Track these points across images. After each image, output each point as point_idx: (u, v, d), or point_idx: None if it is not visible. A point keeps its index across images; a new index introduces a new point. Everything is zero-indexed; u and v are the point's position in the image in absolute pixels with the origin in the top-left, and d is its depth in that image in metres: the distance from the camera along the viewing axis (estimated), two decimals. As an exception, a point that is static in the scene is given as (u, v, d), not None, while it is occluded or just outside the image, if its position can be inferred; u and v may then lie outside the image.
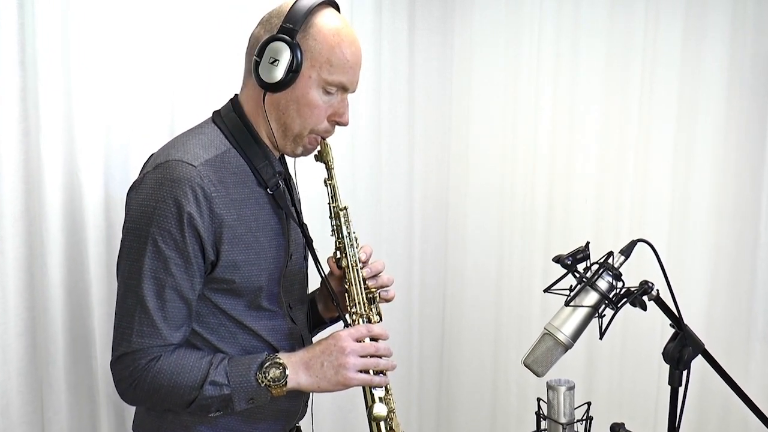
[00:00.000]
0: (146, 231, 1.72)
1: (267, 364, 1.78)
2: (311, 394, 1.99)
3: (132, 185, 1.80)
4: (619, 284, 1.97)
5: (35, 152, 2.18)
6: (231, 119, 1.88)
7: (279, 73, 1.77)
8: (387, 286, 2.03)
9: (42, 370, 2.27)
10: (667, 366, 2.00)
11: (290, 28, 1.77)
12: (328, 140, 1.93)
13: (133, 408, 2.00)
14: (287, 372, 1.78)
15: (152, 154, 1.86)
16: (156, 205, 1.71)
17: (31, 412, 2.26)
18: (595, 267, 1.98)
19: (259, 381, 1.76)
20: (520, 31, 3.42)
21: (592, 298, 1.95)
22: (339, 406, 3.15)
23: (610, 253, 1.99)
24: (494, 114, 3.53)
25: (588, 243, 2.00)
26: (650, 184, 3.22)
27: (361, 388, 1.87)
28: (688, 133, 3.13)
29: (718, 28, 3.04)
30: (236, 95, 1.92)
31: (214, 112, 1.92)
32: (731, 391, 2.06)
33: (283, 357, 1.80)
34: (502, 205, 3.55)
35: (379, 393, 1.87)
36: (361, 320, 1.93)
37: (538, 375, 1.97)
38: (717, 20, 3.03)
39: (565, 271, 1.98)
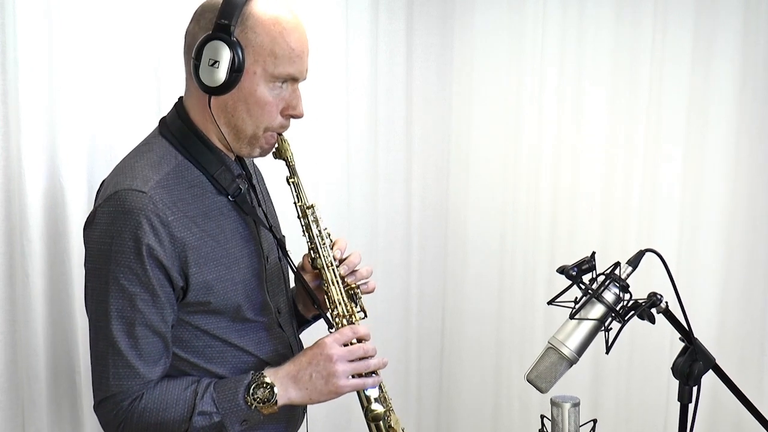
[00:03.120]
0: (106, 270, 1.70)
1: (254, 385, 1.77)
2: None
3: (86, 221, 1.78)
4: (627, 296, 1.97)
5: (16, 157, 2.17)
6: (178, 128, 1.83)
7: (221, 74, 1.71)
8: (366, 278, 2.02)
9: (23, 385, 2.26)
10: (677, 381, 2.00)
11: (226, 24, 1.71)
12: (286, 135, 1.89)
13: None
14: (275, 390, 1.77)
15: (103, 181, 1.84)
16: (112, 241, 1.69)
17: (12, 429, 2.25)
18: (601, 278, 1.98)
19: (249, 403, 1.75)
20: (523, 32, 3.43)
21: (598, 310, 1.95)
22: (334, 413, 3.15)
23: (617, 264, 1.99)
24: (496, 118, 3.54)
25: (594, 253, 2.00)
26: (659, 191, 3.23)
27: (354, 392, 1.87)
28: (699, 137, 3.14)
29: (730, 29, 3.04)
30: (181, 98, 1.89)
31: (160, 121, 1.89)
32: (744, 408, 2.06)
33: (269, 374, 1.79)
34: (504, 212, 3.56)
35: (373, 394, 1.87)
36: (344, 321, 1.91)
37: (541, 391, 1.97)
38: (728, 20, 3.04)
39: (570, 282, 1.98)
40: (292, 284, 2.14)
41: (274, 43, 1.74)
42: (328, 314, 1.94)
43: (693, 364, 1.97)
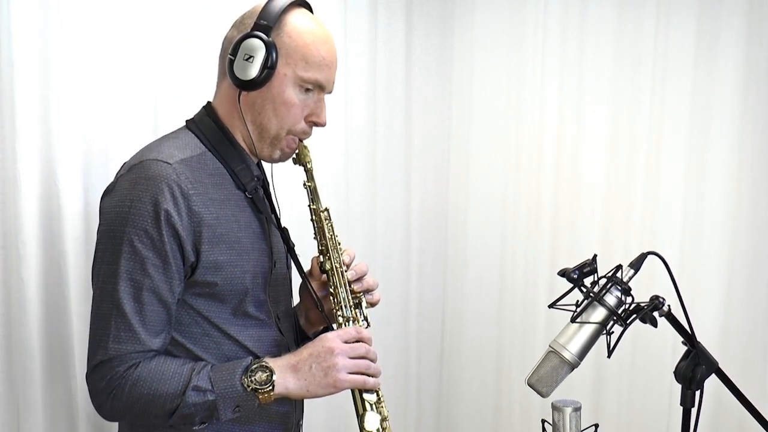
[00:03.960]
0: (121, 231, 1.73)
1: (253, 367, 1.78)
2: None
3: (105, 190, 1.83)
4: (629, 299, 1.97)
5: (11, 159, 2.17)
6: (205, 123, 1.92)
7: (254, 70, 1.81)
8: (372, 290, 2.06)
9: (18, 389, 2.26)
10: (679, 386, 2.00)
11: (264, 25, 1.83)
12: (306, 142, 1.97)
13: (115, 427, 2.00)
14: (274, 376, 1.77)
15: (125, 162, 1.88)
16: (131, 204, 1.73)
17: (6, 434, 2.26)
18: (603, 281, 1.98)
19: (245, 385, 1.76)
20: (524, 32, 3.43)
21: (599, 314, 1.95)
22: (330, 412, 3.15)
23: (619, 267, 1.99)
24: (496, 120, 3.54)
25: (595, 256, 2.00)
26: (661, 193, 3.22)
27: (351, 396, 1.88)
28: (702, 139, 3.14)
29: (733, 29, 3.05)
30: (209, 102, 1.97)
31: (187, 120, 1.96)
32: (747, 412, 2.06)
33: (270, 361, 1.80)
34: (505, 215, 3.56)
35: (370, 399, 1.88)
36: (348, 324, 1.94)
37: (542, 395, 1.98)
38: (732, 21, 3.04)
39: (572, 285, 1.98)
40: (296, 299, 2.15)
41: (306, 49, 1.86)
42: (334, 324, 1.96)
43: (696, 368, 1.97)
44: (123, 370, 1.74)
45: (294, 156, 1.98)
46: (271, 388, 1.77)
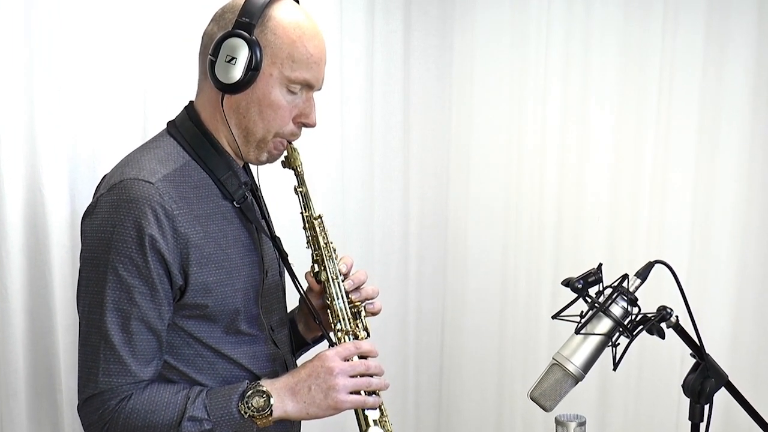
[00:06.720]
0: (105, 259, 1.71)
1: (249, 393, 1.77)
2: None
3: (86, 211, 1.80)
4: (635, 310, 1.97)
5: (-6, 165, 2.18)
6: (187, 128, 1.88)
7: (237, 72, 1.76)
8: (372, 299, 2.03)
9: (2, 404, 2.26)
10: (687, 399, 2.00)
11: (247, 22, 1.77)
12: (296, 144, 1.93)
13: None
14: (272, 400, 1.77)
15: (105, 176, 1.86)
16: (113, 229, 1.70)
17: (-11, 450, 2.26)
18: (608, 291, 1.98)
19: (242, 412, 1.75)
20: (526, 33, 3.43)
21: (605, 325, 1.95)
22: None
23: (625, 276, 1.99)
24: (498, 123, 3.54)
25: (600, 265, 2.00)
26: (669, 199, 3.22)
27: (353, 411, 1.87)
28: (711, 143, 3.14)
29: (743, 29, 3.04)
30: (191, 102, 1.93)
31: (168, 123, 1.92)
32: (758, 427, 2.06)
33: (266, 384, 1.80)
34: (507, 222, 3.56)
35: (373, 415, 1.87)
36: (347, 337, 1.92)
37: (545, 409, 1.98)
38: (742, 20, 3.04)
39: (576, 295, 1.98)
40: (291, 304, 2.14)
41: (293, 46, 1.80)
42: (331, 334, 1.95)
43: (704, 381, 1.97)
44: (115, 404, 1.74)
45: (283, 159, 1.94)
46: (269, 412, 1.77)
